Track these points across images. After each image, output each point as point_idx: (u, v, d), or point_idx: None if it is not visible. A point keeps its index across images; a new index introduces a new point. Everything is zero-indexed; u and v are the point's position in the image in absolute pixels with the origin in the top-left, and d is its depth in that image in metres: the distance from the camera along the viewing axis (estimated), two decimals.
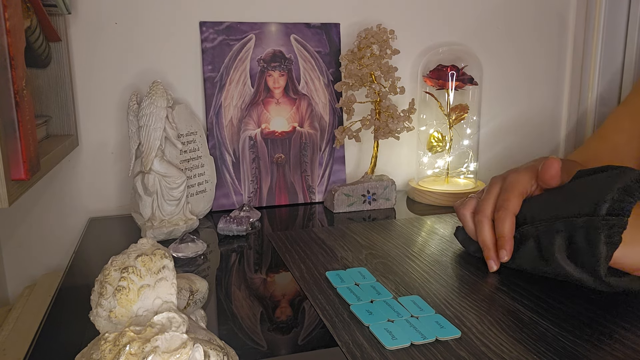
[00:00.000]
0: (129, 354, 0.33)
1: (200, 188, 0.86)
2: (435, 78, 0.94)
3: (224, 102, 0.91)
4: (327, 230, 0.79)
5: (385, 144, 1.01)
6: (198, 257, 0.71)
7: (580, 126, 1.10)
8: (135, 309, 0.39)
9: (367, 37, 0.89)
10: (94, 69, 0.88)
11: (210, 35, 0.90)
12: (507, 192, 0.64)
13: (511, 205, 0.63)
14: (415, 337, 0.49)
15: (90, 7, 0.86)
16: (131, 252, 0.41)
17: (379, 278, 0.62)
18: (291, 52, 0.94)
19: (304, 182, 0.95)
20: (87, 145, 0.90)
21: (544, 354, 0.47)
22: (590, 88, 1.06)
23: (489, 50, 1.07)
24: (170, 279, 0.40)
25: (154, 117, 0.76)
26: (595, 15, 1.04)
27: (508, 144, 1.13)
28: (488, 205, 0.66)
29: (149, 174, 0.76)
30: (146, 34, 0.89)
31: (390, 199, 0.92)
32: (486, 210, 0.65)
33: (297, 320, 0.54)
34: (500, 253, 0.62)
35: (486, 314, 0.54)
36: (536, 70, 1.12)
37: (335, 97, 0.96)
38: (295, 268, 0.66)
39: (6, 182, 0.48)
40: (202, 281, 0.52)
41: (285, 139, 0.94)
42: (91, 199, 0.91)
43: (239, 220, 0.78)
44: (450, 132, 0.95)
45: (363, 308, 0.54)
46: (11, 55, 0.49)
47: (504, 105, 1.11)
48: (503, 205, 0.63)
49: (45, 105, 0.82)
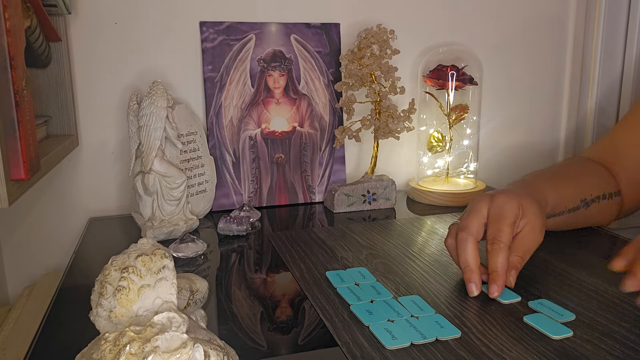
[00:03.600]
0: (129, 354, 0.33)
1: (200, 188, 0.86)
2: (435, 78, 0.94)
3: (224, 102, 0.91)
4: (327, 230, 0.79)
5: (385, 144, 1.01)
6: (198, 257, 0.71)
7: (580, 125, 1.10)
8: (135, 309, 0.39)
9: (367, 37, 0.89)
10: (94, 69, 0.88)
11: (210, 35, 0.90)
12: (499, 222, 0.58)
13: (505, 237, 0.57)
14: (416, 337, 0.49)
15: (90, 7, 0.86)
16: (131, 252, 0.41)
17: (379, 278, 0.62)
18: (291, 52, 0.94)
19: (304, 182, 0.95)
20: (87, 145, 0.90)
21: (544, 354, 0.47)
22: (590, 88, 1.06)
23: (489, 50, 1.07)
24: (170, 279, 0.40)
25: (154, 117, 0.76)
26: (595, 16, 1.04)
27: (508, 144, 1.13)
28: (474, 224, 0.59)
29: (149, 174, 0.76)
30: (146, 34, 0.89)
31: (390, 199, 0.92)
32: (471, 228, 0.58)
33: (297, 320, 0.54)
34: (490, 287, 0.56)
35: (486, 314, 0.54)
36: (536, 70, 1.12)
37: (335, 97, 0.96)
38: (295, 268, 0.66)
39: (6, 182, 0.48)
40: (202, 281, 0.52)
41: (285, 139, 0.94)
42: (91, 199, 0.91)
43: (239, 220, 0.78)
44: (450, 132, 0.95)
45: (363, 308, 0.54)
46: (11, 55, 0.49)
47: (504, 105, 1.11)
48: (497, 237, 0.57)
49: (45, 105, 0.82)
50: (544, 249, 0.71)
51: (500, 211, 0.58)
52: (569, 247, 0.72)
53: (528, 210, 0.60)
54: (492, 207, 0.59)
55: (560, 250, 0.71)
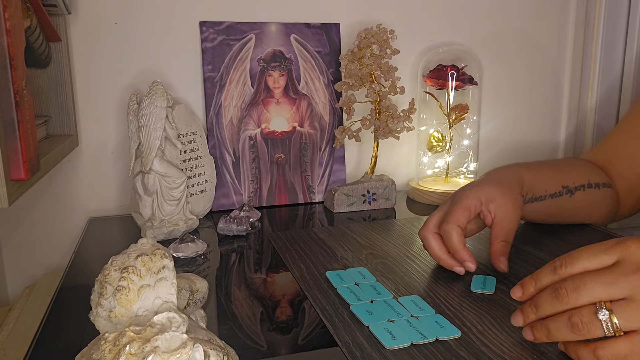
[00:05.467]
0: (129, 354, 0.33)
1: (200, 188, 0.86)
2: (435, 78, 0.94)
3: (224, 102, 0.91)
4: (327, 230, 0.79)
5: (385, 144, 1.01)
6: (198, 257, 0.71)
7: (580, 125, 1.10)
8: (135, 309, 0.39)
9: (367, 37, 0.89)
10: (94, 69, 0.88)
11: (210, 35, 0.90)
12: (451, 206, 0.63)
13: (453, 218, 0.61)
14: (416, 337, 0.49)
15: (90, 7, 0.86)
16: (131, 252, 0.41)
17: (379, 278, 0.62)
18: (291, 52, 0.94)
19: (304, 182, 0.95)
20: (87, 145, 0.90)
21: (543, 354, 0.47)
22: (590, 88, 1.06)
23: (489, 50, 1.07)
24: (170, 279, 0.40)
25: (154, 117, 0.76)
26: (595, 15, 1.04)
27: (508, 144, 1.13)
28: (431, 221, 0.64)
29: (149, 173, 0.76)
30: (146, 33, 0.89)
31: (390, 199, 0.92)
32: (429, 226, 0.64)
33: (297, 320, 0.54)
34: (465, 266, 0.61)
35: (486, 314, 0.54)
36: (536, 70, 1.12)
37: (335, 97, 0.96)
38: (295, 268, 0.66)
39: (6, 182, 0.48)
40: (202, 281, 0.52)
41: (285, 139, 0.94)
42: (91, 199, 0.91)
43: (239, 220, 0.78)
44: (450, 132, 0.95)
45: (363, 308, 0.54)
46: (11, 55, 0.49)
47: (504, 105, 1.11)
48: (445, 219, 0.62)
49: (45, 105, 0.82)
50: (542, 249, 0.71)
51: (454, 201, 0.64)
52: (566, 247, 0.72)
53: (492, 192, 0.64)
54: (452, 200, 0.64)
55: (558, 250, 0.71)
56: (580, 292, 0.41)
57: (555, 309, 0.43)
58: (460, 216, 0.61)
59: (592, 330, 0.41)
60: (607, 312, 0.40)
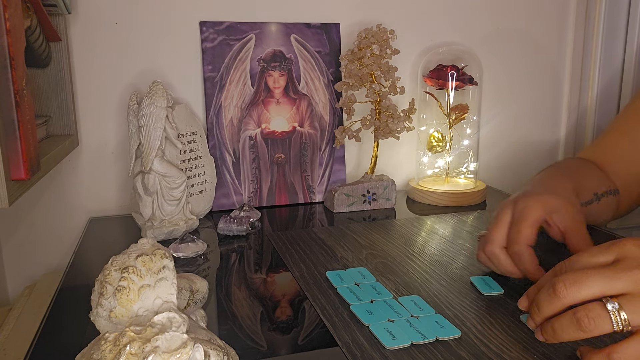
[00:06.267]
0: (129, 354, 0.33)
1: (200, 188, 0.86)
2: (435, 78, 0.94)
3: (224, 102, 0.91)
4: (327, 230, 0.79)
5: (385, 144, 1.01)
6: (198, 257, 0.71)
7: (580, 126, 1.10)
8: (135, 309, 0.39)
9: (367, 37, 0.89)
10: (94, 69, 0.88)
11: (210, 35, 0.90)
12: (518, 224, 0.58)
13: (522, 237, 0.57)
14: (416, 337, 0.49)
15: (90, 7, 0.86)
16: (131, 252, 0.41)
17: (379, 278, 0.62)
18: (291, 52, 0.94)
19: (304, 182, 0.95)
20: (87, 145, 0.90)
21: (544, 354, 0.47)
22: (590, 87, 1.06)
23: (489, 50, 1.07)
24: (170, 279, 0.40)
25: (154, 117, 0.76)
26: (595, 15, 1.04)
27: (508, 143, 1.13)
28: (498, 235, 0.59)
29: (149, 173, 0.76)
30: (146, 34, 0.89)
31: (390, 199, 0.92)
32: (495, 240, 0.59)
33: (297, 320, 0.54)
34: None
35: (486, 314, 0.54)
36: (536, 69, 1.12)
37: (335, 97, 0.96)
38: (295, 268, 0.66)
39: (6, 182, 0.48)
40: (202, 281, 0.52)
41: (285, 139, 0.94)
42: (91, 199, 0.91)
43: (239, 220, 0.78)
44: (450, 132, 0.95)
45: (363, 308, 0.54)
46: (11, 55, 0.49)
47: (504, 105, 1.11)
48: (514, 239, 0.57)
49: (45, 105, 0.82)
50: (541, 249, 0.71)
51: (520, 214, 0.58)
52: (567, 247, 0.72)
53: (554, 203, 0.60)
54: (515, 211, 0.59)
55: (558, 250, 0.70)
56: (581, 285, 0.41)
57: (554, 306, 0.43)
58: (529, 234, 0.57)
59: (599, 324, 0.40)
60: (617, 304, 0.39)
